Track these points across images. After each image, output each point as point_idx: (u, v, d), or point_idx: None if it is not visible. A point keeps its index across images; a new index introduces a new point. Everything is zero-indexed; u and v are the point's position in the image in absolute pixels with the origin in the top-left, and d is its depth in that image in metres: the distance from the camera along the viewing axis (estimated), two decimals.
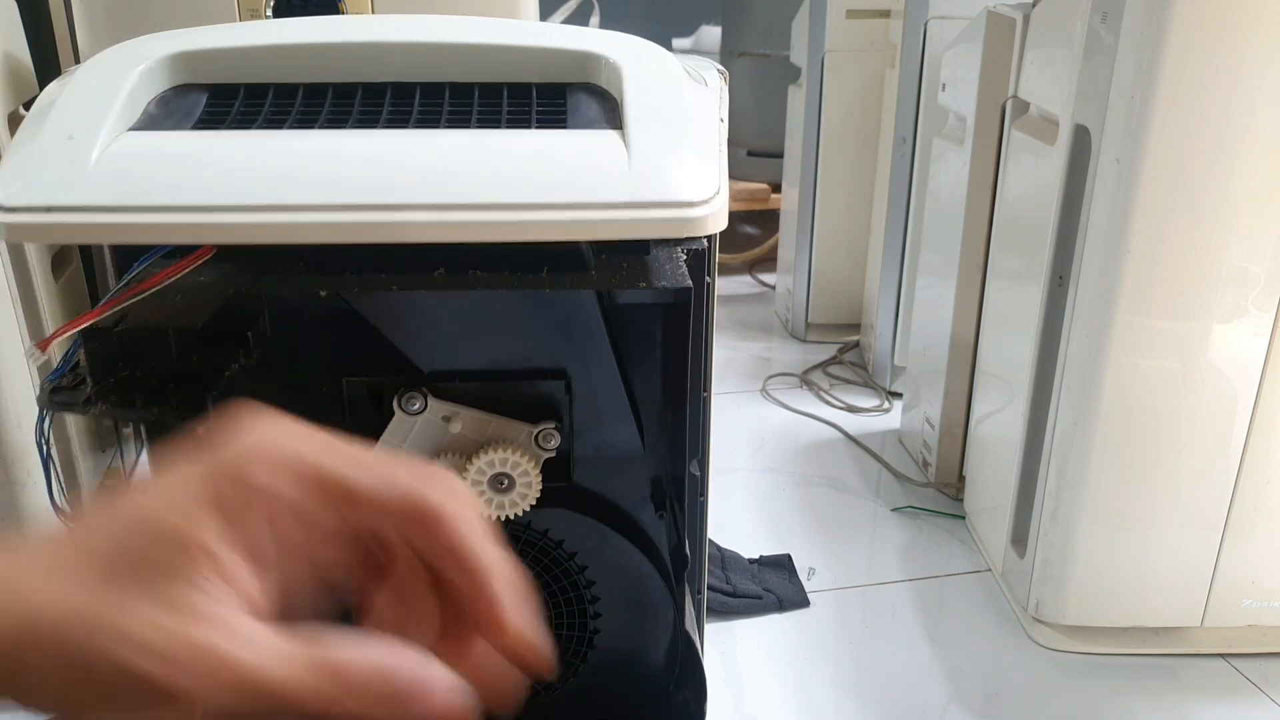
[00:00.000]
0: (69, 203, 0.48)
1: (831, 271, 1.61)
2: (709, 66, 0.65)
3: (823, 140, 1.53)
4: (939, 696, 0.87)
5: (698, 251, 0.55)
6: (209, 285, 0.53)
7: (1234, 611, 0.89)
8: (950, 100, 1.14)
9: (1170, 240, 0.78)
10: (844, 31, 1.47)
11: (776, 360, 1.59)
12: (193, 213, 0.48)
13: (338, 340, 0.57)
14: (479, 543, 0.24)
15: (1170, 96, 0.74)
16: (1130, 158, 0.77)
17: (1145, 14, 0.74)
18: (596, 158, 0.50)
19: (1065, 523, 0.89)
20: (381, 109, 0.55)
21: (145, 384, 0.55)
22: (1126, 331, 0.81)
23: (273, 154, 0.50)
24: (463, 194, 0.48)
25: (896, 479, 1.23)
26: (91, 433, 0.91)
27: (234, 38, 0.58)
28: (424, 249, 0.51)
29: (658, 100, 0.53)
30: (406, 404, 0.55)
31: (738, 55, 1.99)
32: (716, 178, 0.50)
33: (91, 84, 0.54)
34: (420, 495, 0.24)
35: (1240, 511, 0.86)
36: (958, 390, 1.15)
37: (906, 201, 1.39)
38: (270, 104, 0.55)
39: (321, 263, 0.53)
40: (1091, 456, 0.85)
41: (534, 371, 0.57)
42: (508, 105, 0.55)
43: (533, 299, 0.56)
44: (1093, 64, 0.81)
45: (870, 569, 1.06)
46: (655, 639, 0.63)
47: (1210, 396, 0.82)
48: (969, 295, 1.11)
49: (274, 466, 0.23)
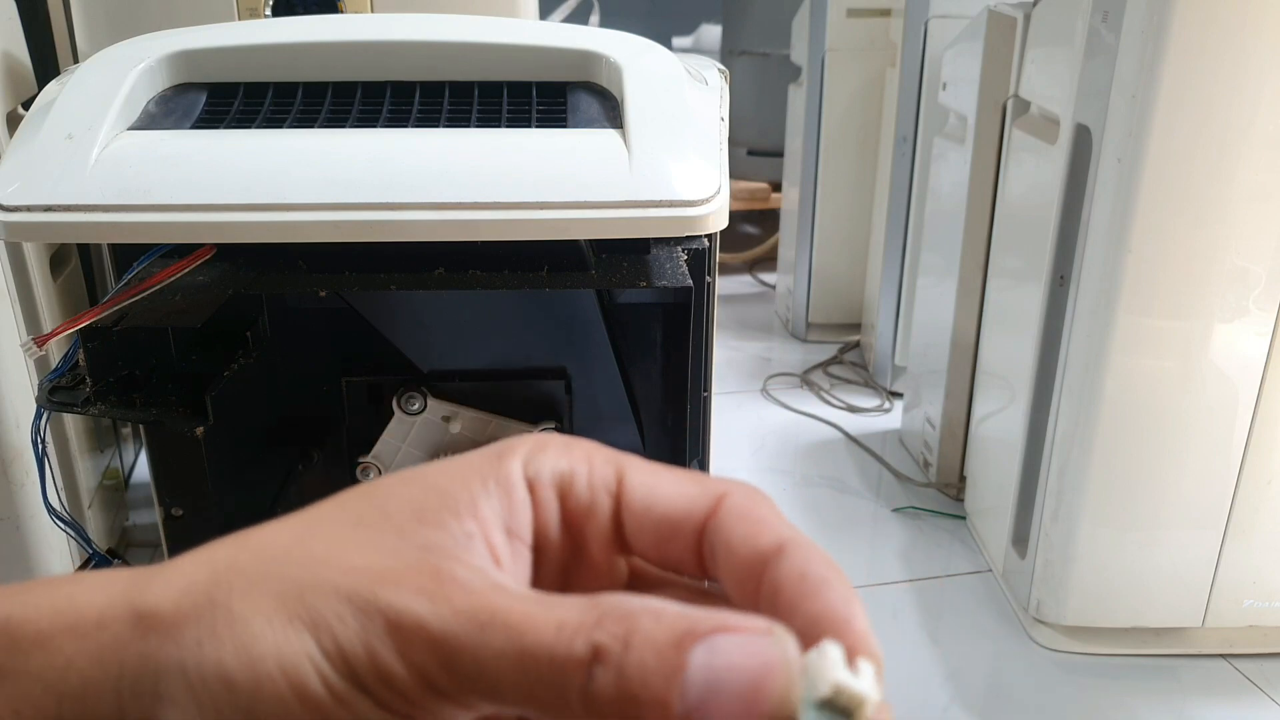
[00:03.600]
0: (68, 202, 0.48)
1: (832, 271, 1.61)
2: (709, 65, 0.64)
3: (823, 139, 1.53)
4: (939, 697, 0.87)
5: (698, 251, 0.55)
6: (208, 285, 0.52)
7: (1235, 612, 0.89)
8: (951, 99, 1.14)
9: (1171, 240, 0.78)
10: (844, 30, 1.47)
11: (777, 360, 1.59)
12: (192, 212, 0.48)
13: (337, 340, 0.57)
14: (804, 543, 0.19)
15: (1171, 96, 0.74)
16: (1131, 157, 0.76)
17: (1146, 13, 0.74)
18: (597, 156, 0.50)
19: (1066, 523, 0.88)
20: (381, 108, 0.55)
21: (144, 384, 0.55)
22: (1127, 331, 0.81)
23: (272, 153, 0.50)
24: (462, 193, 0.48)
25: (897, 479, 1.23)
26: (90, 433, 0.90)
27: (233, 37, 0.58)
28: (424, 248, 0.51)
29: (658, 99, 0.53)
30: (406, 404, 0.55)
31: (738, 54, 1.99)
32: (717, 177, 0.50)
33: (90, 83, 0.54)
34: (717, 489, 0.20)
35: (1241, 511, 0.85)
36: (959, 390, 1.14)
37: (907, 201, 1.39)
38: (270, 103, 0.55)
39: (321, 262, 0.53)
40: (1092, 456, 0.85)
41: (534, 371, 0.57)
42: (508, 104, 0.55)
43: (533, 298, 0.55)
44: (1094, 63, 0.81)
45: (871, 569, 1.06)
46: None
47: (1211, 396, 0.82)
48: (970, 295, 1.11)
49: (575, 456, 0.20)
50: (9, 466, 0.73)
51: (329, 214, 0.47)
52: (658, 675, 0.16)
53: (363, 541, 0.18)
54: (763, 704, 0.16)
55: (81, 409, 0.55)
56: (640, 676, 0.16)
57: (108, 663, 0.17)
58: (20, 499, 0.74)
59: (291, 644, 0.17)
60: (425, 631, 0.17)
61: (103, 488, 0.93)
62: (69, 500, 0.83)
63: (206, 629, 0.17)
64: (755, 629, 0.16)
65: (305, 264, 0.53)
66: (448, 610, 0.17)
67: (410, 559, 0.18)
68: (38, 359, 0.76)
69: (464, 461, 0.19)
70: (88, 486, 0.88)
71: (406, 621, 0.17)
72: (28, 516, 0.75)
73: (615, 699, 0.16)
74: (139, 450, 1.09)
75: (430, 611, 0.17)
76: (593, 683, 0.16)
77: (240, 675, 0.17)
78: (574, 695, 0.16)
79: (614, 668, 0.16)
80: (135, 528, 1.01)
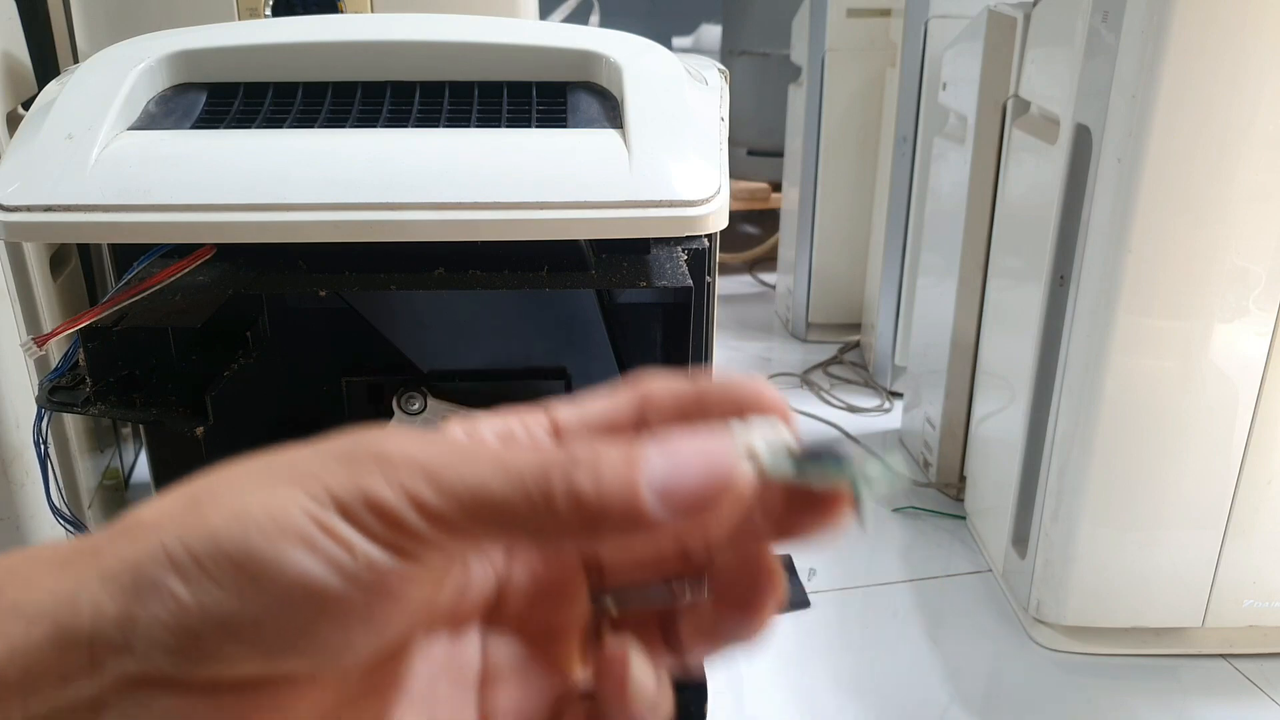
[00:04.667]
0: (68, 202, 0.48)
1: (832, 271, 1.61)
2: (709, 65, 0.64)
3: (823, 139, 1.53)
4: (939, 697, 0.87)
5: (698, 251, 0.55)
6: (208, 285, 0.52)
7: (1235, 612, 0.89)
8: (951, 99, 1.14)
9: (1171, 240, 0.78)
10: (844, 30, 1.47)
11: (777, 360, 1.59)
12: (192, 212, 0.48)
13: (337, 340, 0.57)
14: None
15: (1171, 96, 0.74)
16: (1131, 157, 0.76)
17: (1146, 13, 0.74)
18: (597, 157, 0.50)
19: (1066, 523, 0.88)
20: (381, 108, 0.55)
21: (145, 384, 0.55)
22: (1127, 331, 0.81)
23: (272, 153, 0.50)
24: (462, 193, 0.48)
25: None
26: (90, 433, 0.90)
27: (233, 36, 0.58)
28: (424, 248, 0.51)
29: (658, 99, 0.53)
30: (406, 404, 0.55)
31: (738, 54, 1.99)
32: (717, 177, 0.50)
33: (91, 83, 0.54)
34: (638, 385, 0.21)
35: (1241, 511, 0.85)
36: (958, 390, 1.14)
37: (907, 201, 1.39)
38: (270, 103, 0.55)
39: (321, 262, 0.53)
40: (1092, 456, 0.85)
41: (534, 371, 0.57)
42: (508, 104, 0.55)
43: (533, 298, 0.55)
44: (1094, 63, 0.81)
45: (871, 569, 1.06)
46: None
47: (1211, 396, 0.82)
48: (970, 295, 1.11)
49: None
50: (9, 466, 0.73)
51: (329, 214, 0.47)
52: (625, 467, 0.17)
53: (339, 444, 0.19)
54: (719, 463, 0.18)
55: (82, 409, 0.55)
56: (612, 471, 0.17)
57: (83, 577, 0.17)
58: (21, 499, 0.74)
59: (278, 496, 0.17)
60: (414, 460, 0.17)
61: (103, 488, 0.93)
62: (69, 500, 0.83)
63: (190, 515, 0.17)
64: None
65: (305, 264, 0.53)
66: (434, 445, 0.18)
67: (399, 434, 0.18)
68: (38, 359, 0.76)
69: (413, 431, 0.20)
70: (88, 487, 0.88)
71: (395, 454, 0.17)
72: (28, 516, 0.75)
73: (594, 495, 0.17)
74: (139, 450, 1.09)
75: (418, 446, 0.18)
76: (574, 481, 0.17)
77: (226, 530, 0.17)
78: (560, 499, 0.17)
79: (588, 469, 0.17)
80: None
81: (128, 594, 0.17)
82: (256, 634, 0.17)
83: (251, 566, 0.16)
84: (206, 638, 0.16)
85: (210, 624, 0.16)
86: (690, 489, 0.17)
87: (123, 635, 0.16)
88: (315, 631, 0.17)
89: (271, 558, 0.17)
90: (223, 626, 0.16)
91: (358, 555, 0.17)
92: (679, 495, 0.17)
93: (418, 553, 0.17)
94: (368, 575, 0.17)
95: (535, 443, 0.20)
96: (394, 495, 0.17)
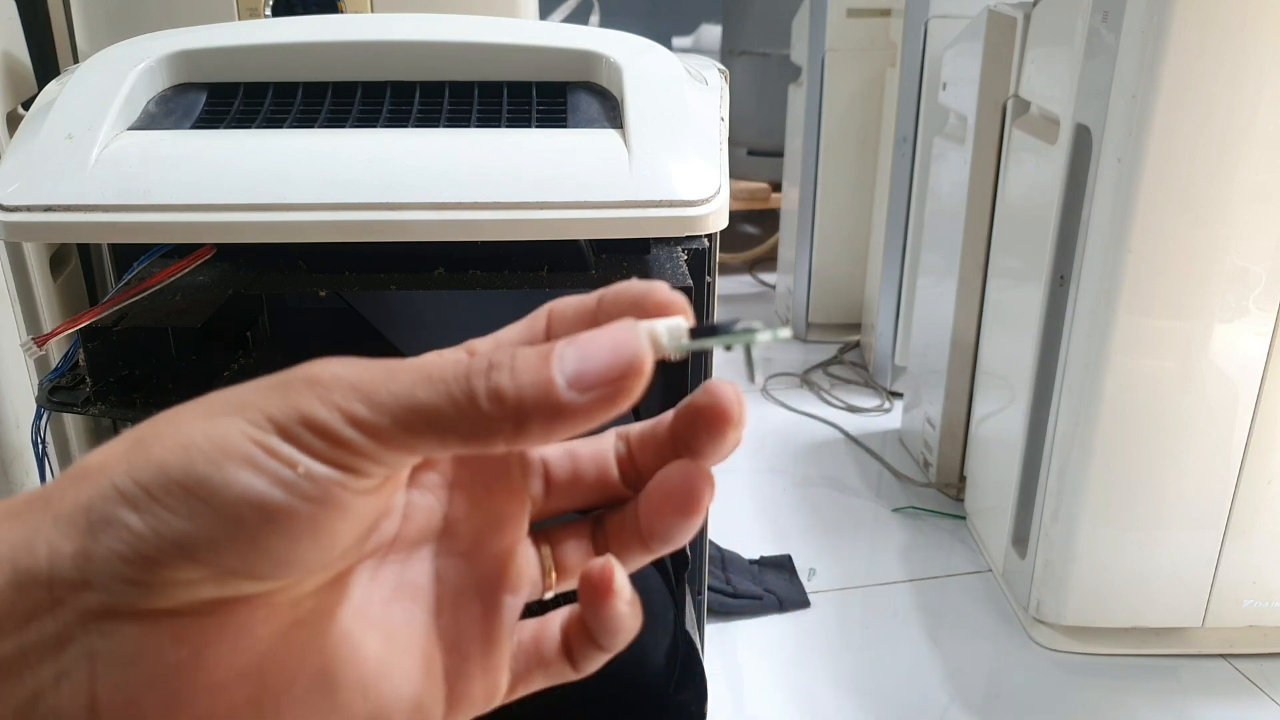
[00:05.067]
0: (68, 202, 0.48)
1: (832, 271, 1.61)
2: (709, 65, 0.64)
3: (823, 139, 1.53)
4: (939, 697, 0.87)
5: (698, 251, 0.55)
6: (208, 285, 0.52)
7: (1235, 612, 0.89)
8: (951, 99, 1.14)
9: (1171, 240, 0.78)
10: (844, 30, 1.47)
11: (777, 360, 1.59)
12: (192, 212, 0.48)
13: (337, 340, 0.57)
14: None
15: (1171, 96, 0.74)
16: (1131, 157, 0.76)
17: (1146, 13, 0.74)
18: (597, 156, 0.49)
19: (1066, 523, 0.88)
20: (381, 108, 0.55)
21: (145, 384, 0.55)
22: (1127, 331, 0.81)
23: (272, 153, 0.50)
24: (462, 193, 0.48)
25: (897, 479, 1.23)
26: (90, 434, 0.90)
27: (233, 37, 0.57)
28: (424, 248, 0.51)
29: (658, 99, 0.53)
30: None
31: (738, 54, 1.99)
32: (717, 177, 0.50)
33: (91, 83, 0.54)
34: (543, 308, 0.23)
35: (1241, 511, 0.85)
36: (959, 390, 1.14)
37: (907, 201, 1.39)
38: (270, 103, 0.55)
39: (321, 262, 0.53)
40: (1092, 456, 0.85)
41: None
42: (507, 104, 0.55)
43: (533, 298, 0.55)
44: (1094, 63, 0.81)
45: (871, 569, 1.06)
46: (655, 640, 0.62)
47: (1211, 396, 0.82)
48: (970, 295, 1.11)
49: None
50: (9, 467, 0.73)
51: (329, 214, 0.47)
52: (539, 361, 0.19)
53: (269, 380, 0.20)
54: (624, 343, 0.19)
55: (81, 409, 0.55)
56: (526, 366, 0.19)
57: (37, 522, 0.18)
58: None
59: (219, 424, 0.18)
60: (344, 379, 0.18)
61: None
62: None
63: (136, 453, 0.18)
64: None
65: (305, 264, 0.53)
66: (362, 366, 0.19)
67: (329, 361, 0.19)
68: (38, 359, 0.76)
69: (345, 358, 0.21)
70: None
71: (326, 376, 0.18)
72: None
73: (513, 390, 0.18)
74: None
75: (348, 368, 0.19)
76: (491, 380, 0.18)
77: (173, 459, 0.17)
78: (482, 398, 0.18)
79: (506, 370, 0.19)
80: None
81: (82, 532, 0.17)
82: (210, 553, 0.17)
83: (200, 490, 0.17)
84: (162, 563, 0.17)
85: (165, 548, 0.17)
86: (599, 371, 0.19)
87: (80, 572, 0.17)
88: (265, 546, 0.18)
89: (219, 479, 0.17)
90: (177, 549, 0.17)
91: (299, 470, 0.18)
92: (590, 378, 0.19)
93: (356, 465, 0.18)
94: (310, 488, 0.18)
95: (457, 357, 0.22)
96: (328, 413, 0.18)
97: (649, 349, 0.19)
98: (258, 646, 0.19)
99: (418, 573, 0.23)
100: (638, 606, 0.23)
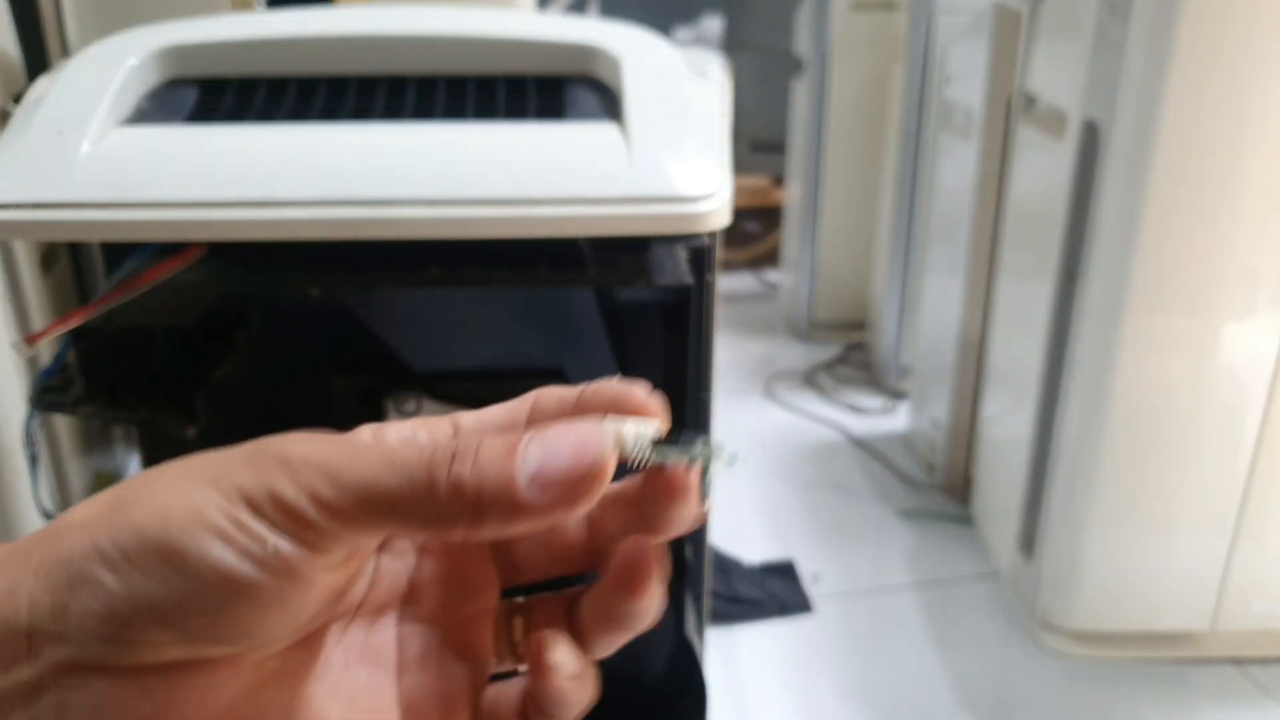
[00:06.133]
0: (58, 199, 0.47)
1: (836, 268, 1.60)
2: (711, 58, 0.63)
3: (827, 134, 1.52)
4: (945, 703, 0.86)
5: (699, 248, 0.54)
6: (199, 283, 0.51)
7: (1244, 616, 0.88)
8: (957, 94, 1.13)
9: (1181, 237, 0.77)
10: (849, 24, 1.46)
11: (779, 359, 1.58)
12: (183, 209, 0.47)
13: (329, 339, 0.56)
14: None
15: (1181, 90, 0.73)
16: (1140, 153, 0.75)
17: (1155, 6, 0.72)
18: (595, 152, 0.48)
19: (1074, 526, 0.87)
20: (375, 103, 0.54)
21: (135, 384, 0.54)
22: (1137, 330, 0.79)
23: (264, 149, 0.49)
24: (458, 189, 0.47)
25: (902, 482, 1.22)
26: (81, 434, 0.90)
27: (226, 30, 0.56)
28: (418, 245, 0.50)
29: (658, 93, 0.52)
30: (399, 405, 0.54)
31: (741, 47, 1.97)
32: (719, 172, 0.49)
33: (81, 78, 0.53)
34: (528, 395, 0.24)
35: (1251, 514, 0.84)
36: (965, 390, 1.13)
37: (912, 196, 1.38)
38: (262, 98, 0.54)
39: (314, 260, 0.52)
40: (1101, 458, 0.84)
41: (531, 371, 0.56)
42: (504, 99, 0.54)
43: (530, 297, 0.54)
44: (1101, 57, 0.79)
45: (875, 573, 1.05)
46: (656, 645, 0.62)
47: (1221, 397, 0.81)
48: (977, 293, 1.10)
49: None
50: (1, 466, 0.72)
51: (322, 210, 0.46)
52: (502, 456, 0.19)
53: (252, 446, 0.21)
54: (587, 447, 0.20)
55: (72, 409, 0.55)
56: (490, 459, 0.19)
57: (19, 574, 0.19)
58: (11, 500, 0.73)
59: (195, 494, 0.19)
60: (312, 460, 0.19)
61: (94, 489, 0.92)
62: (59, 501, 0.82)
63: (116, 515, 0.19)
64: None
65: (298, 262, 0.52)
66: (328, 445, 0.20)
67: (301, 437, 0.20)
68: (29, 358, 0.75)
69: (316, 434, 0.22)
70: (78, 488, 0.87)
71: (296, 456, 0.19)
72: (18, 518, 0.74)
73: (474, 486, 0.19)
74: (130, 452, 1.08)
75: (315, 446, 0.20)
76: (453, 471, 0.19)
77: (150, 526, 0.18)
78: (442, 488, 0.19)
79: (469, 461, 0.19)
80: None
81: (61, 587, 0.18)
82: (180, 618, 0.18)
83: (174, 558, 0.18)
84: (135, 624, 0.18)
85: (138, 610, 0.18)
86: (561, 472, 0.19)
87: (57, 625, 0.18)
88: (233, 614, 0.19)
89: (193, 549, 0.18)
90: (149, 612, 0.18)
91: (267, 545, 0.19)
92: (551, 478, 0.19)
93: (320, 543, 0.19)
94: (277, 563, 0.19)
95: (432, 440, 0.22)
96: (296, 493, 0.19)
97: (612, 453, 0.20)
98: (222, 704, 0.20)
99: (383, 636, 0.23)
100: (586, 680, 0.23)
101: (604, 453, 0.20)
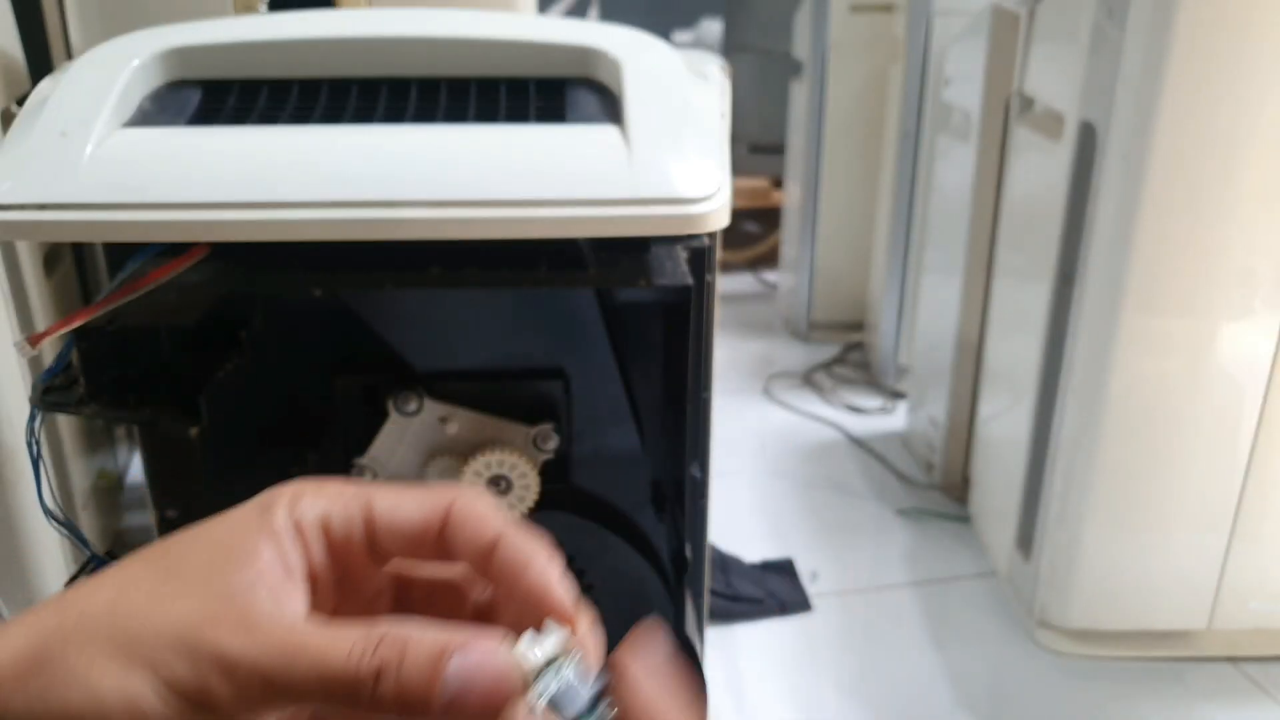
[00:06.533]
0: (62, 200, 0.47)
1: (835, 269, 1.60)
2: (710, 60, 0.64)
3: (826, 136, 1.52)
4: (943, 701, 0.86)
5: (699, 249, 0.54)
6: (202, 284, 0.52)
7: (1241, 614, 0.88)
8: (955, 96, 1.13)
9: (1177, 238, 0.77)
10: (847, 26, 1.46)
11: (779, 360, 1.58)
12: (186, 210, 0.47)
13: (332, 339, 0.56)
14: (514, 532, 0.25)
15: (1177, 92, 0.73)
16: (1137, 154, 0.76)
17: (1152, 8, 0.73)
18: (596, 153, 0.49)
19: (1071, 525, 0.88)
20: (377, 105, 0.54)
21: (138, 384, 0.54)
22: (1133, 331, 0.80)
23: (267, 151, 0.49)
24: (459, 190, 0.47)
25: (900, 481, 1.22)
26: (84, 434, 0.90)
27: (228, 33, 0.57)
28: (420, 246, 0.50)
29: (658, 95, 0.52)
30: (401, 405, 0.54)
31: (740, 49, 1.98)
32: (718, 174, 0.49)
33: (85, 80, 0.53)
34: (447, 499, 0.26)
35: (1247, 513, 0.85)
36: (963, 390, 1.14)
37: (910, 198, 1.38)
38: (265, 100, 0.54)
39: (316, 261, 0.52)
40: (1098, 458, 0.84)
41: (531, 371, 0.56)
42: (505, 101, 0.54)
43: (530, 297, 0.55)
44: (1099, 59, 0.80)
45: (874, 572, 1.05)
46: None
47: (1217, 397, 0.81)
48: (974, 293, 1.10)
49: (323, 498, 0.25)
50: (2, 467, 0.72)
51: (324, 212, 0.47)
52: (424, 679, 0.22)
53: (176, 592, 0.22)
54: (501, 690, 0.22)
55: (75, 409, 0.55)
56: (412, 680, 0.22)
57: None
58: (14, 500, 0.73)
59: (133, 682, 0.20)
60: (244, 664, 0.21)
61: (97, 490, 0.92)
62: (62, 502, 0.82)
63: (49, 679, 0.20)
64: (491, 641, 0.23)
65: (300, 262, 0.52)
66: (260, 647, 0.21)
67: (220, 605, 0.22)
68: (31, 359, 0.76)
69: (239, 516, 0.24)
70: (81, 488, 0.87)
71: (229, 657, 0.21)
72: (21, 518, 0.74)
73: (395, 698, 0.22)
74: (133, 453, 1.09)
75: (246, 647, 0.21)
76: (378, 689, 0.21)
77: (88, 710, 0.20)
78: (365, 700, 0.22)
79: (393, 678, 0.22)
80: (129, 530, 1.00)
81: None
82: None
83: None
84: None
85: None
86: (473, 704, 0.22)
87: None
88: None
89: None
90: None
91: None
92: (462, 705, 0.22)
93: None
94: None
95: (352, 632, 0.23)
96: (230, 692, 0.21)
97: (520, 693, 0.22)
98: None
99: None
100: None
101: (514, 692, 0.22)
